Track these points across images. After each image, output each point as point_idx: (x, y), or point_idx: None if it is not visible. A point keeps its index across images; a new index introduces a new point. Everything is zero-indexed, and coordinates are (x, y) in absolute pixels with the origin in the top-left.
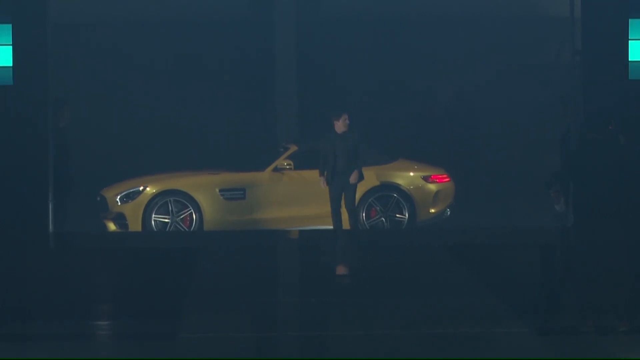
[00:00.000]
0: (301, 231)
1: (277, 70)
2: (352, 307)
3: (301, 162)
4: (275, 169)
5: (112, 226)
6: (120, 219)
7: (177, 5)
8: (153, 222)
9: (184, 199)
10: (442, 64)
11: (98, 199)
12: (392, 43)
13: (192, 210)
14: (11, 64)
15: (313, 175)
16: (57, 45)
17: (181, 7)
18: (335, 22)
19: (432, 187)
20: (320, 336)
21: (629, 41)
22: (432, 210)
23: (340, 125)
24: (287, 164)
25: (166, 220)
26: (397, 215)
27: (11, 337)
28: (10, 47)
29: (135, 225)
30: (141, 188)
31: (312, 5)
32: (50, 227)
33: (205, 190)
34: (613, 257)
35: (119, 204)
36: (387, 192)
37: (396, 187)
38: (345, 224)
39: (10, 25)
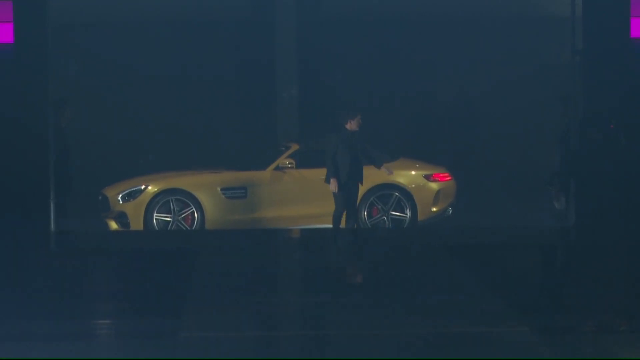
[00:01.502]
0: (302, 230)
1: (278, 69)
2: (353, 306)
3: (302, 161)
4: (277, 168)
5: (113, 225)
6: (122, 217)
7: (179, 6)
8: (155, 220)
9: (186, 198)
10: (444, 64)
11: (100, 197)
12: (393, 43)
13: (193, 209)
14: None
15: (314, 174)
16: (58, 46)
17: (182, 7)
18: (336, 21)
19: (434, 185)
20: (322, 335)
21: None
22: (434, 209)
23: (354, 124)
24: (289, 163)
25: (168, 219)
26: (399, 214)
27: (12, 336)
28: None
29: (137, 224)
30: (143, 187)
31: (312, 5)
32: (52, 226)
33: (206, 189)
34: (614, 256)
35: (121, 202)
36: (388, 191)
37: (397, 186)
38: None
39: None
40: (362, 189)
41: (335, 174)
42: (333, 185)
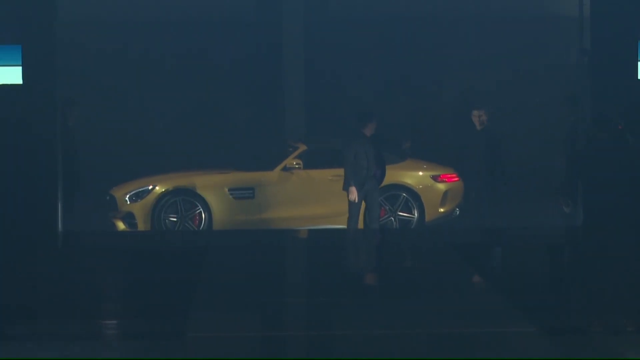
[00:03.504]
0: (310, 230)
1: (285, 69)
2: (360, 306)
3: (310, 162)
4: (284, 169)
5: (121, 225)
6: (129, 218)
7: (186, 6)
8: (162, 221)
9: (193, 198)
10: (451, 64)
11: (107, 198)
12: (399, 42)
13: (201, 209)
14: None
15: (322, 174)
16: (65, 45)
17: (190, 7)
18: (343, 21)
19: (441, 186)
20: (329, 336)
21: None
22: (441, 210)
23: (372, 129)
24: (296, 164)
25: (175, 220)
26: (406, 214)
27: (19, 336)
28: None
29: (144, 225)
30: (150, 187)
31: (319, 4)
32: (60, 226)
33: (214, 190)
34: (621, 256)
35: (128, 203)
36: (396, 192)
37: (405, 187)
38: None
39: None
40: None
41: (355, 182)
42: (353, 194)
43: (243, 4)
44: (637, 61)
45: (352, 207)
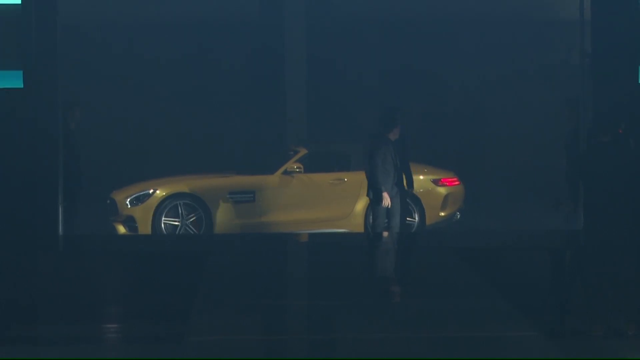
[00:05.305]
0: (311, 234)
1: (287, 72)
2: (361, 310)
3: (311, 166)
4: (285, 172)
5: (121, 229)
6: (129, 221)
7: (188, 7)
8: (163, 225)
9: (194, 202)
10: (452, 66)
11: (108, 201)
12: (401, 44)
13: (201, 213)
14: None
15: (323, 178)
16: (67, 47)
17: (191, 9)
18: (345, 22)
19: (442, 190)
20: (329, 339)
21: None
22: (442, 214)
23: (397, 133)
24: (297, 167)
25: (176, 223)
26: (407, 218)
27: (20, 339)
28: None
29: (144, 228)
30: (151, 191)
31: (321, 6)
32: (60, 229)
33: (215, 193)
34: (622, 259)
35: (129, 206)
36: None
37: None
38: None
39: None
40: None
41: (386, 188)
42: (386, 201)
43: (246, 6)
44: (638, 64)
45: (379, 212)
